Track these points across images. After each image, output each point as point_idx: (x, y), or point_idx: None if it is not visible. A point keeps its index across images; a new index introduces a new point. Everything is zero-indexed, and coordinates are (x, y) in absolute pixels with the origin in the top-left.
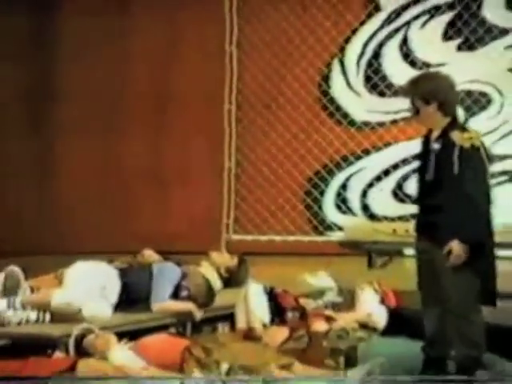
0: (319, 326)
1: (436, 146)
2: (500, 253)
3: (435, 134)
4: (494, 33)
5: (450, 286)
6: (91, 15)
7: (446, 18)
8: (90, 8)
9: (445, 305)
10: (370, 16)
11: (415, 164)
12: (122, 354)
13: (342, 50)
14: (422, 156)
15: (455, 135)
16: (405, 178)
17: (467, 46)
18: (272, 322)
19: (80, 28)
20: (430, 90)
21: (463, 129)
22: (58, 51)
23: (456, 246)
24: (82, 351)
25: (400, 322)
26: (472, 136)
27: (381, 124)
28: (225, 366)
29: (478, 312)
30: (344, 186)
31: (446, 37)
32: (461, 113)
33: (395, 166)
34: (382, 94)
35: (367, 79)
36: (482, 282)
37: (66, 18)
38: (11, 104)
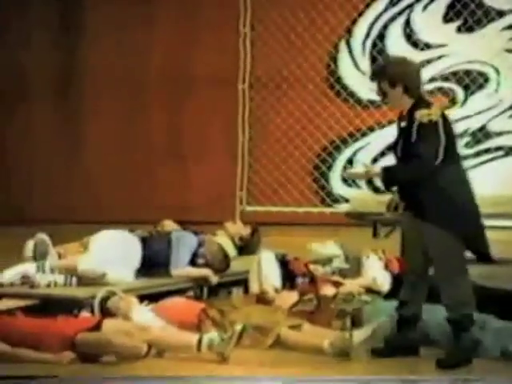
0: (327, 290)
1: (402, 124)
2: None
3: (403, 114)
4: (491, 15)
5: (433, 255)
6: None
7: (447, 0)
8: None
9: (423, 271)
10: None
11: None
12: (143, 315)
13: (349, 31)
14: (396, 135)
15: (417, 113)
16: None
17: (466, 27)
18: (283, 286)
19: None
20: (396, 74)
21: (427, 106)
22: (85, 37)
23: None
24: (106, 312)
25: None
26: (431, 112)
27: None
28: (238, 327)
29: (463, 275)
30: (350, 161)
31: (447, 19)
32: (460, 91)
33: None
34: None
35: (373, 59)
36: (471, 246)
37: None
38: (41, 81)
